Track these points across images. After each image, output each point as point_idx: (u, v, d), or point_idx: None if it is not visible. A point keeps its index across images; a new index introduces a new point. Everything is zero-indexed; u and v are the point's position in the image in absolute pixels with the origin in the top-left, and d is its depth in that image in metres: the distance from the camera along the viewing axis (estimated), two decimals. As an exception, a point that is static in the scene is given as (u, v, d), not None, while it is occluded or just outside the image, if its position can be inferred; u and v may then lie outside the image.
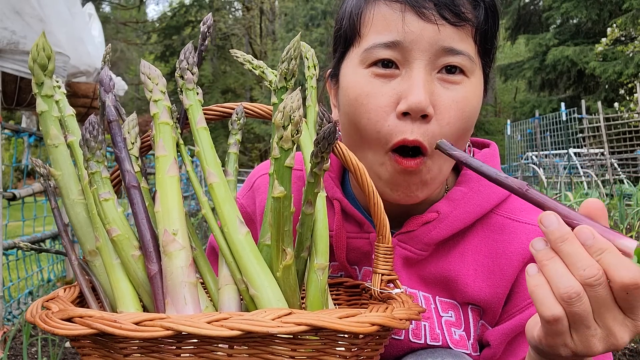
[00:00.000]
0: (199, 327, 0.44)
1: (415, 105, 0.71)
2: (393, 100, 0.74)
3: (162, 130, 0.64)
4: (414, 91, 0.71)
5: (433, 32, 0.72)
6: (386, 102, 0.74)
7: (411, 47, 0.73)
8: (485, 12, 0.76)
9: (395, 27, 0.73)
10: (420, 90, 0.71)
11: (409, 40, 0.72)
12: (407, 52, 0.73)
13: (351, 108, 0.77)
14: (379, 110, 0.74)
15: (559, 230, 0.52)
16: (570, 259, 0.52)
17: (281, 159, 0.55)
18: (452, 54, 0.73)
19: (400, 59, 0.74)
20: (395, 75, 0.74)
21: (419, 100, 0.71)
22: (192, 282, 0.57)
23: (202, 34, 0.74)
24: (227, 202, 0.63)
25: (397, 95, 0.73)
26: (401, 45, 0.73)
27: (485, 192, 0.82)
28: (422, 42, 0.72)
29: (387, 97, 0.74)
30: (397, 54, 0.74)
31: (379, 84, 0.75)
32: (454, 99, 0.74)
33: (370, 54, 0.75)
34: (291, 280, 0.60)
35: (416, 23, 0.72)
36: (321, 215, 0.65)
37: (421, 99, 0.71)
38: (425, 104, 0.71)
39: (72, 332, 0.46)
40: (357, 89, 0.76)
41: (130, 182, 0.62)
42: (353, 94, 0.77)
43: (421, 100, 0.71)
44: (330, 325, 0.46)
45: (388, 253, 0.69)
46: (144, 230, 0.60)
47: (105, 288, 0.66)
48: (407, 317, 0.55)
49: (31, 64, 0.66)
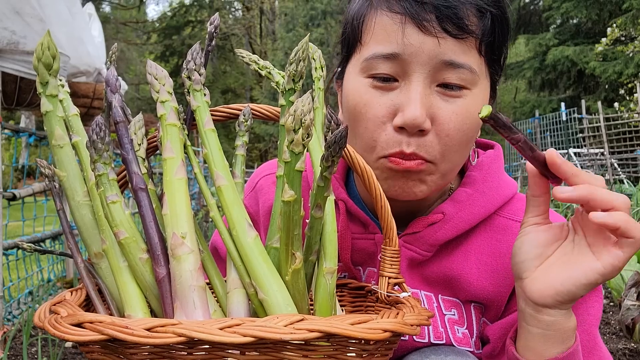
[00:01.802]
0: (212, 334, 0.44)
1: (410, 121, 0.70)
2: (390, 112, 0.73)
3: (169, 132, 0.64)
4: (410, 107, 0.71)
5: (433, 46, 0.70)
6: (383, 113, 0.73)
7: (410, 60, 0.71)
8: (491, 22, 0.74)
9: (395, 39, 0.72)
10: (417, 105, 0.70)
11: (408, 53, 0.71)
12: (406, 64, 0.72)
13: (350, 115, 0.77)
14: (376, 121, 0.74)
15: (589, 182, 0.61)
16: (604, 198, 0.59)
17: (292, 163, 0.54)
18: (452, 68, 0.72)
19: (399, 71, 0.73)
20: (394, 87, 0.74)
21: (415, 116, 0.70)
22: (201, 286, 0.57)
23: (209, 35, 0.73)
24: (236, 205, 0.62)
25: (394, 107, 0.73)
26: (400, 58, 0.72)
27: (489, 193, 0.82)
28: (422, 55, 0.71)
29: (384, 108, 0.73)
30: (396, 66, 0.73)
31: (377, 95, 0.74)
32: (454, 111, 0.73)
33: (370, 65, 0.74)
34: (300, 284, 0.60)
35: (416, 36, 0.71)
36: (330, 219, 0.65)
37: (416, 115, 0.70)
38: (421, 120, 0.70)
39: (83, 338, 0.46)
40: (357, 96, 0.76)
41: (138, 184, 0.61)
42: (352, 101, 0.77)
43: (417, 117, 0.70)
44: (342, 332, 0.46)
45: (395, 256, 0.68)
46: (151, 233, 0.59)
47: (112, 291, 0.65)
48: (418, 323, 0.54)
49: (36, 63, 0.65)
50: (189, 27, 25.35)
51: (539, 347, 0.67)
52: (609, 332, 2.39)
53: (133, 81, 23.41)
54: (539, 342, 0.67)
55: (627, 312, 1.88)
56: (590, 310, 0.78)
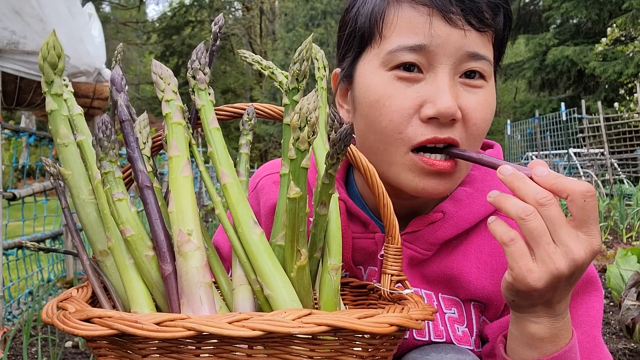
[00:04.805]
0: (221, 328, 0.44)
1: (445, 110, 0.71)
2: (417, 104, 0.73)
3: (174, 131, 0.64)
4: (442, 97, 0.71)
5: (459, 37, 0.72)
6: (409, 105, 0.73)
7: (437, 52, 0.72)
8: (504, 19, 0.77)
9: (421, 31, 0.72)
10: (448, 95, 0.71)
11: (436, 45, 0.72)
12: (432, 56, 0.73)
13: (371, 110, 0.76)
14: (402, 112, 0.73)
15: (514, 173, 0.62)
16: (523, 191, 0.60)
17: (297, 160, 0.55)
18: (475, 59, 0.74)
19: (425, 63, 0.73)
20: (419, 79, 0.74)
21: (448, 105, 0.71)
22: (208, 283, 0.57)
23: (213, 35, 0.74)
24: (241, 203, 0.63)
25: (421, 99, 0.73)
26: (427, 49, 0.72)
27: (489, 192, 0.83)
28: (449, 46, 0.72)
29: (410, 100, 0.73)
30: (422, 57, 0.73)
31: (402, 87, 0.74)
32: (478, 101, 0.75)
33: (394, 57, 0.74)
34: (305, 281, 0.60)
35: (443, 27, 0.72)
36: (334, 216, 0.65)
37: (450, 104, 0.71)
38: (454, 109, 0.71)
39: (92, 332, 0.46)
40: (379, 90, 0.75)
41: (144, 182, 0.62)
42: (374, 95, 0.76)
43: (450, 106, 0.71)
44: (350, 325, 0.46)
45: (397, 254, 0.69)
46: (157, 231, 0.60)
47: (117, 288, 0.66)
48: (423, 318, 0.55)
49: (41, 63, 0.66)
50: (189, 27, 25.35)
51: (513, 346, 0.69)
52: (609, 332, 2.39)
53: (133, 81, 23.41)
54: (512, 342, 0.69)
55: (627, 312, 1.88)
56: (590, 312, 0.79)
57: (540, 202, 0.58)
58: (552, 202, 0.58)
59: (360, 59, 0.80)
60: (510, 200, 0.60)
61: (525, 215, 0.58)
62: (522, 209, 0.59)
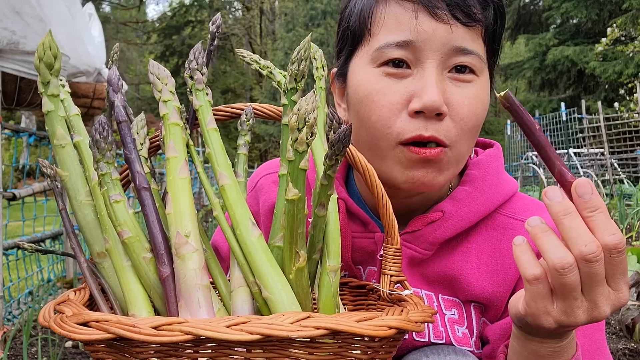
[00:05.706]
0: (219, 332, 0.44)
1: (430, 103, 0.71)
2: (405, 99, 0.74)
3: (172, 131, 0.64)
4: (428, 90, 0.72)
5: (445, 32, 0.72)
6: (397, 100, 0.74)
7: (423, 47, 0.73)
8: (494, 13, 0.77)
9: (407, 27, 0.73)
10: (434, 89, 0.72)
11: (422, 40, 0.73)
12: (419, 51, 0.73)
13: (361, 105, 0.77)
14: (391, 107, 0.74)
15: (563, 203, 0.52)
16: (571, 233, 0.51)
17: (296, 161, 0.55)
18: (463, 54, 0.74)
19: (412, 59, 0.74)
20: (407, 75, 0.75)
21: (434, 99, 0.71)
22: (206, 285, 0.57)
23: (210, 34, 0.73)
24: (239, 204, 0.62)
25: (409, 94, 0.74)
26: (413, 45, 0.73)
27: (489, 191, 0.83)
28: (435, 41, 0.73)
29: (398, 95, 0.74)
30: (409, 53, 0.74)
31: (390, 82, 0.75)
32: (466, 96, 0.75)
33: (382, 53, 0.75)
34: (304, 283, 0.60)
35: (429, 23, 0.73)
36: (333, 217, 0.65)
37: (435, 98, 0.71)
38: (440, 103, 0.71)
39: (89, 337, 0.46)
40: (369, 86, 0.76)
41: (141, 183, 0.61)
42: (364, 91, 0.77)
43: (435, 100, 0.71)
44: (348, 329, 0.46)
45: (397, 254, 0.69)
46: (155, 233, 0.59)
47: (115, 290, 0.65)
48: (423, 320, 0.54)
49: (37, 63, 0.65)
50: (189, 27, 25.36)
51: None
52: (609, 332, 2.39)
53: (133, 81, 23.42)
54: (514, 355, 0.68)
55: (627, 312, 1.88)
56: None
57: (587, 257, 0.51)
58: (599, 258, 0.51)
59: (352, 57, 0.81)
60: (551, 241, 0.52)
61: (563, 269, 0.51)
62: (561, 261, 0.51)
